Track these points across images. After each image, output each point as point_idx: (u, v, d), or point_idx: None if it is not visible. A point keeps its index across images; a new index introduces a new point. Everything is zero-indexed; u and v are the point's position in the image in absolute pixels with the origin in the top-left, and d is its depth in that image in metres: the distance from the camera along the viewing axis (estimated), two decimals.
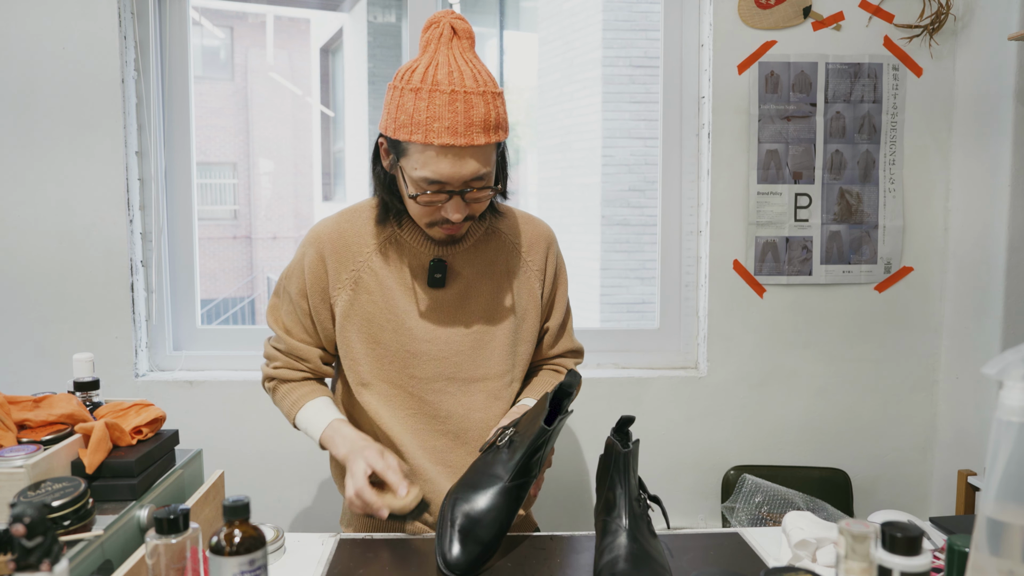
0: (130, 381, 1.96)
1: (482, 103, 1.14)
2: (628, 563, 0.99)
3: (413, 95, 1.14)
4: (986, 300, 1.91)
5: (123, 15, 1.91)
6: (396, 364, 1.30)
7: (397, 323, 1.29)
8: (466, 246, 1.32)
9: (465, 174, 1.16)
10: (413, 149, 1.16)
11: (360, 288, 1.29)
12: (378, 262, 1.30)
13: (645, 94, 4.67)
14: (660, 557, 1.03)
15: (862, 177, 2.04)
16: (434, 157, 1.14)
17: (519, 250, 1.37)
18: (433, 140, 1.12)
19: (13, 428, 1.05)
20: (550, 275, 1.39)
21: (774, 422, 2.09)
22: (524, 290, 1.36)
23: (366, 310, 1.29)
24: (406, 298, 1.29)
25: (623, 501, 1.05)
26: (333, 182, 7.97)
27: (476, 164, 1.16)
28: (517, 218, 1.40)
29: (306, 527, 2.02)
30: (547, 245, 1.39)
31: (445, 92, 1.13)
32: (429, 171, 1.15)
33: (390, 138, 1.19)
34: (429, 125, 1.12)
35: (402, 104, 1.15)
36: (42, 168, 1.90)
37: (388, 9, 6.43)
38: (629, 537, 1.02)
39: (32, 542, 0.69)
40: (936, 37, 2.00)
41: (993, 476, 0.77)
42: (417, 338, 1.29)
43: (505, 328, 1.33)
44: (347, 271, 1.30)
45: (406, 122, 1.14)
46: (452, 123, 1.12)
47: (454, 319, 1.30)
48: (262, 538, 0.84)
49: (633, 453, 1.07)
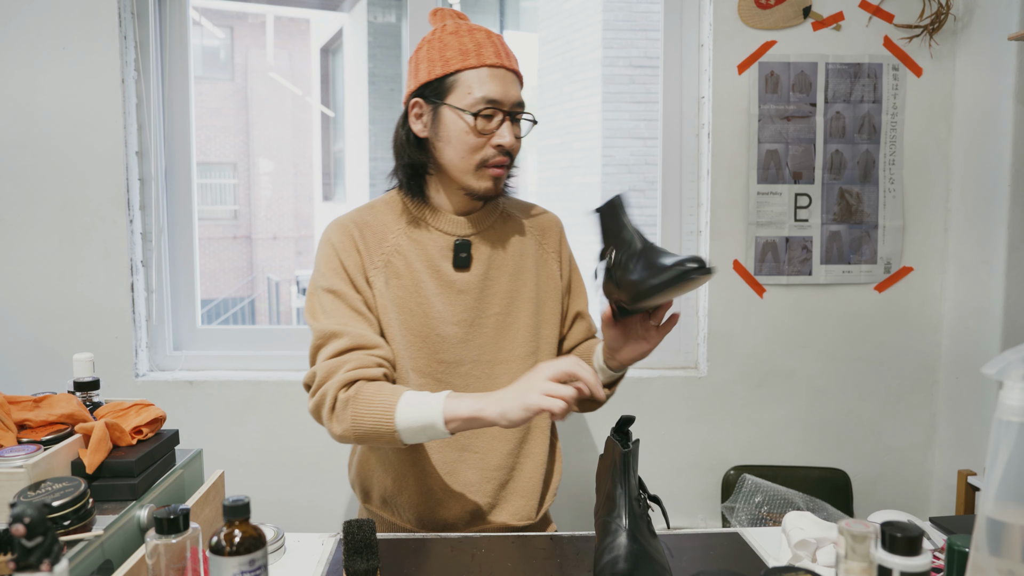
0: (130, 381, 1.96)
1: (508, 46, 1.29)
2: (628, 563, 0.99)
3: (454, 36, 1.26)
4: (986, 300, 1.91)
5: (123, 15, 1.91)
6: (425, 350, 1.29)
7: (426, 306, 1.29)
8: (485, 226, 1.34)
9: (513, 95, 1.25)
10: (464, 77, 1.23)
11: (391, 272, 1.29)
12: (405, 245, 1.31)
13: (645, 94, 4.67)
14: (660, 557, 1.03)
15: (862, 177, 2.04)
16: (487, 77, 1.23)
17: (534, 233, 1.40)
18: (485, 61, 1.23)
19: (13, 428, 1.06)
20: (566, 260, 1.43)
21: (774, 422, 2.09)
22: (544, 272, 1.38)
23: (397, 295, 1.29)
24: (433, 280, 1.30)
25: (623, 501, 1.05)
26: (333, 182, 7.97)
27: (518, 89, 1.27)
28: (522, 204, 1.44)
29: (306, 527, 2.02)
30: (560, 229, 1.44)
31: (482, 31, 1.27)
32: (485, 90, 1.22)
33: (433, 82, 1.24)
34: (478, 51, 1.24)
35: (445, 44, 1.25)
36: (42, 168, 1.90)
37: (388, 9, 6.43)
38: (629, 537, 1.02)
39: (32, 542, 0.69)
40: (936, 37, 2.00)
41: (993, 476, 0.77)
42: (444, 320, 1.29)
43: (527, 309, 1.34)
44: (378, 254, 1.29)
45: (454, 55, 1.24)
46: (495, 49, 1.25)
47: (479, 301, 1.31)
48: (262, 538, 0.84)
49: (633, 453, 1.07)
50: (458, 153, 1.25)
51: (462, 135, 1.23)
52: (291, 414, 2.00)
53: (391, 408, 1.13)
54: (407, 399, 1.13)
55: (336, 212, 6.34)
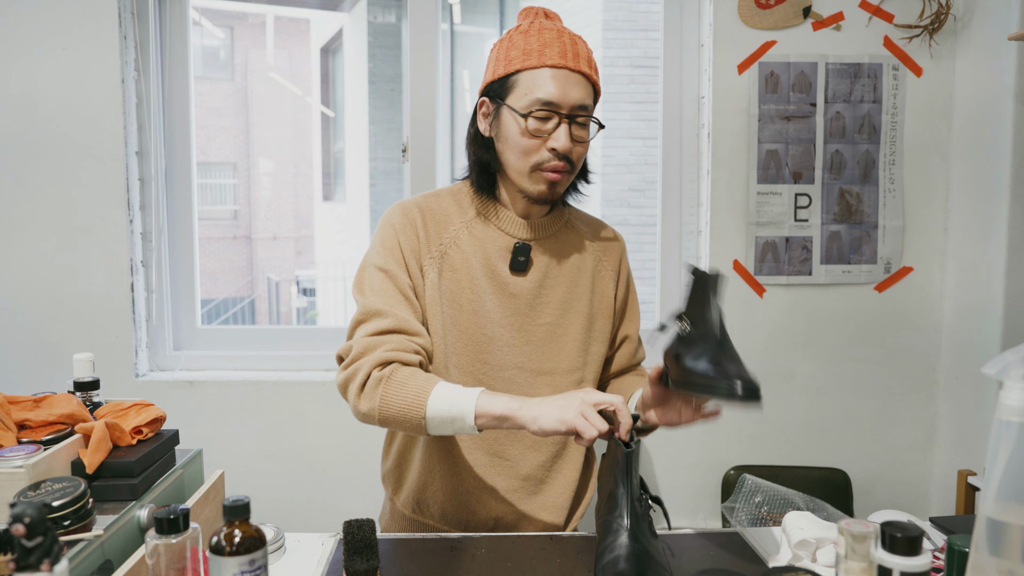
0: (130, 381, 1.96)
1: (585, 47, 1.25)
2: (629, 563, 0.99)
3: (523, 36, 1.24)
4: (986, 300, 1.91)
5: (123, 15, 1.91)
6: (471, 348, 1.27)
7: (477, 304, 1.27)
8: (548, 233, 1.32)
9: (573, 97, 1.20)
10: (524, 76, 1.21)
11: (446, 264, 1.27)
12: (465, 239, 1.28)
13: (645, 94, 4.67)
14: (660, 557, 1.03)
15: (862, 177, 2.04)
16: (546, 78, 1.20)
17: (595, 249, 1.37)
18: (546, 61, 1.20)
19: (13, 428, 1.06)
20: (623, 282, 1.39)
21: (774, 422, 2.09)
22: (599, 289, 1.36)
23: (450, 288, 1.27)
24: (488, 280, 1.28)
25: (625, 501, 1.05)
26: (333, 182, 7.97)
27: (582, 91, 1.21)
28: (590, 219, 1.42)
29: (306, 527, 2.02)
30: (621, 250, 1.41)
31: (551, 30, 1.23)
32: (541, 91, 1.19)
33: (497, 82, 1.24)
34: (541, 51, 1.21)
35: (512, 44, 1.24)
36: (42, 168, 1.90)
37: (388, 9, 6.42)
38: (631, 537, 1.02)
39: (32, 542, 0.69)
40: (936, 37, 2.00)
41: (993, 476, 0.77)
42: (494, 322, 1.27)
43: (579, 323, 1.32)
44: (436, 244, 1.27)
45: (518, 55, 1.22)
46: (561, 49, 1.21)
47: (531, 307, 1.29)
48: (262, 538, 0.84)
49: (635, 453, 1.07)
50: (514, 155, 1.23)
51: (517, 136, 1.21)
52: (291, 414, 2.00)
53: (424, 394, 1.11)
54: (441, 388, 1.12)
55: (336, 212, 6.36)
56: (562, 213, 1.35)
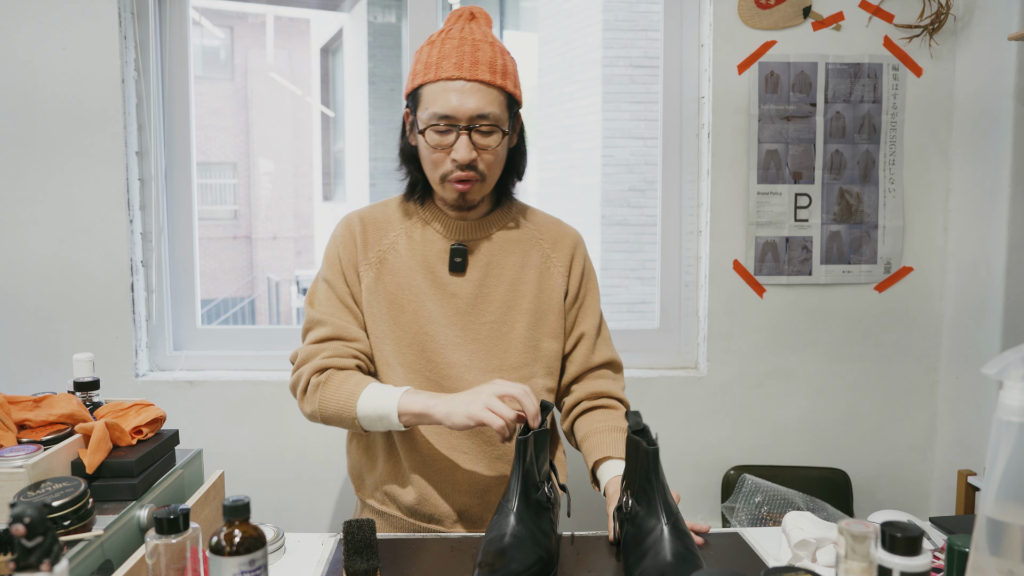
0: (130, 381, 1.96)
1: (490, 50, 1.25)
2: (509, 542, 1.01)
3: (428, 46, 1.26)
4: (986, 300, 1.91)
5: (123, 15, 1.91)
6: (415, 347, 1.31)
7: (417, 305, 1.31)
8: (488, 233, 1.35)
9: (470, 107, 1.21)
10: (425, 91, 1.24)
11: (384, 268, 1.33)
12: (403, 244, 1.34)
13: (645, 94, 4.67)
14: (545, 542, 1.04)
15: (862, 177, 2.04)
16: (442, 91, 1.22)
17: (542, 246, 1.39)
18: (441, 75, 1.22)
19: (13, 428, 1.06)
20: (575, 276, 1.40)
21: (774, 422, 2.09)
22: (546, 286, 1.37)
23: (388, 290, 1.32)
24: (427, 281, 1.32)
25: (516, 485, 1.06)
26: (333, 182, 7.96)
27: (481, 100, 1.22)
28: (543, 217, 1.43)
29: (306, 527, 2.02)
30: (573, 245, 1.41)
31: (456, 39, 1.24)
32: (437, 105, 1.22)
33: (409, 96, 1.28)
34: (439, 64, 1.23)
35: (419, 58, 1.26)
36: (42, 168, 1.90)
37: (388, 9, 6.42)
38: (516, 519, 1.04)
39: (32, 542, 0.69)
40: (936, 37, 2.00)
41: (993, 476, 0.77)
42: (436, 321, 1.31)
43: (524, 320, 1.34)
44: (374, 250, 1.34)
45: (420, 69, 1.25)
46: (459, 59, 1.22)
47: (473, 306, 1.32)
48: (262, 538, 0.84)
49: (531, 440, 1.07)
50: (426, 166, 1.29)
51: (424, 150, 1.26)
52: (291, 414, 2.00)
53: (354, 396, 1.23)
54: (370, 389, 1.23)
55: (336, 212, 6.36)
56: (507, 211, 1.38)
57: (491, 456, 1.34)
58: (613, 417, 1.35)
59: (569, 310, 1.39)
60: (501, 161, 1.30)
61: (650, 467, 1.05)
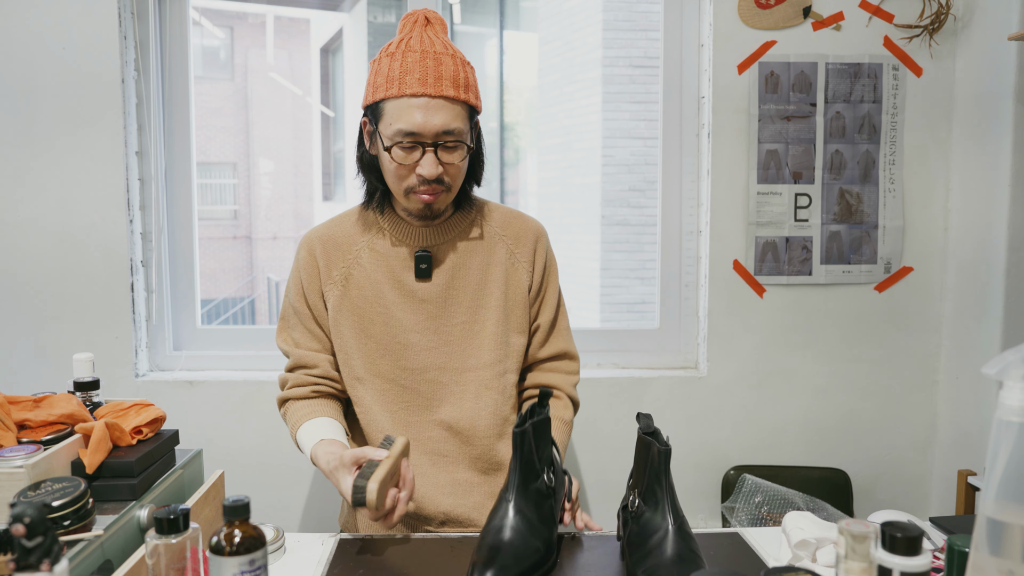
0: (130, 381, 1.96)
1: (452, 63, 1.24)
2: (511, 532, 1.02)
3: (389, 59, 1.24)
4: (986, 300, 1.91)
5: (123, 15, 1.91)
6: (388, 357, 1.33)
7: (387, 315, 1.32)
8: (450, 236, 1.35)
9: (436, 124, 1.21)
10: (388, 106, 1.23)
11: (350, 283, 1.34)
12: (366, 257, 1.34)
13: (645, 94, 4.66)
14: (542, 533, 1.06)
15: (862, 177, 2.04)
16: (406, 107, 1.21)
17: (506, 242, 1.39)
18: (405, 91, 1.21)
19: (13, 428, 1.05)
20: (539, 268, 1.40)
21: (774, 422, 2.09)
22: (512, 281, 1.37)
23: (356, 304, 1.33)
24: (394, 290, 1.33)
25: (514, 478, 1.07)
26: (333, 182, 7.96)
27: (446, 116, 1.22)
28: (505, 213, 1.43)
29: (306, 527, 2.02)
30: (535, 238, 1.41)
31: (416, 51, 1.23)
32: (402, 122, 1.21)
33: (369, 107, 1.27)
34: (402, 79, 1.21)
35: (379, 69, 1.25)
36: (42, 168, 1.90)
37: (388, 9, 6.42)
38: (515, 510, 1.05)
39: (32, 542, 0.69)
40: (936, 37, 2.00)
41: (993, 476, 0.77)
42: (407, 328, 1.32)
43: (494, 318, 1.35)
44: (338, 268, 1.35)
45: (382, 83, 1.24)
46: (423, 75, 1.21)
47: (443, 310, 1.33)
48: (262, 538, 0.84)
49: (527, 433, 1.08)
50: (389, 178, 1.29)
51: (388, 163, 1.26)
52: None
53: (292, 436, 1.33)
54: (301, 432, 1.30)
55: (336, 212, 6.25)
56: (468, 213, 1.38)
57: (471, 456, 1.35)
58: (558, 407, 1.41)
59: (532, 303, 1.41)
60: (464, 170, 1.31)
61: (660, 468, 1.06)
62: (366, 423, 1.35)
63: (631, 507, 1.09)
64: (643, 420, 1.14)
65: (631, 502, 1.10)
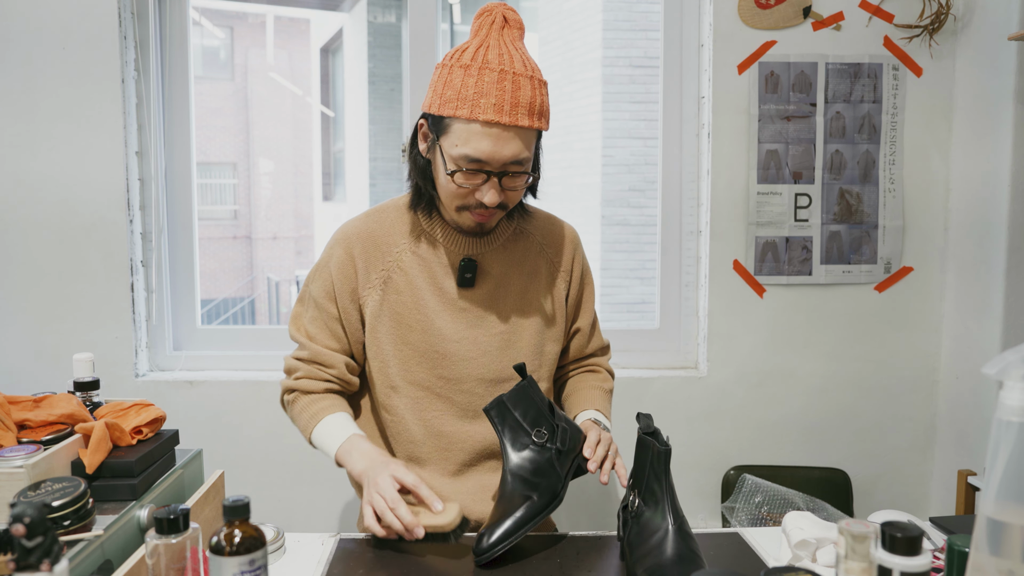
0: (130, 381, 1.96)
1: (529, 87, 1.14)
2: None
3: (462, 71, 1.14)
4: (986, 300, 1.91)
5: (123, 15, 1.91)
6: (425, 365, 1.28)
7: (426, 323, 1.27)
8: (495, 245, 1.31)
9: (506, 155, 1.14)
10: (456, 126, 1.14)
11: (390, 288, 1.28)
12: (408, 260, 1.28)
13: (645, 94, 4.67)
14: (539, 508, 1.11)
15: (862, 177, 2.04)
16: (477, 134, 1.13)
17: (546, 251, 1.36)
18: (479, 116, 1.12)
19: (13, 428, 1.06)
20: (576, 276, 1.39)
21: (774, 422, 2.09)
22: (551, 291, 1.35)
23: (395, 310, 1.28)
24: (436, 297, 1.28)
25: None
26: (333, 182, 7.96)
27: (518, 146, 1.15)
28: (543, 218, 1.39)
29: (306, 527, 2.02)
30: (573, 247, 1.39)
31: (495, 70, 1.13)
32: (471, 148, 1.13)
33: (433, 116, 1.18)
34: (476, 101, 1.12)
35: (450, 80, 1.15)
36: (42, 168, 1.90)
37: (388, 9, 6.42)
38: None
39: (32, 542, 0.69)
40: (936, 37, 2.00)
41: (993, 476, 0.77)
42: (446, 338, 1.28)
43: (532, 329, 1.32)
44: (377, 271, 1.28)
45: (452, 97, 1.13)
46: (499, 100, 1.12)
47: (483, 319, 1.29)
48: (262, 538, 0.84)
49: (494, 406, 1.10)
50: (444, 193, 1.22)
51: (446, 181, 1.19)
52: None
53: (308, 428, 1.28)
54: (324, 424, 1.26)
55: (336, 212, 6.32)
56: (510, 222, 1.33)
57: (474, 452, 1.32)
58: (598, 379, 1.42)
59: (570, 310, 1.40)
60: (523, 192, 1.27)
61: (660, 468, 1.06)
62: (397, 432, 1.32)
63: (631, 507, 1.09)
64: (643, 420, 1.14)
65: (631, 502, 1.10)
